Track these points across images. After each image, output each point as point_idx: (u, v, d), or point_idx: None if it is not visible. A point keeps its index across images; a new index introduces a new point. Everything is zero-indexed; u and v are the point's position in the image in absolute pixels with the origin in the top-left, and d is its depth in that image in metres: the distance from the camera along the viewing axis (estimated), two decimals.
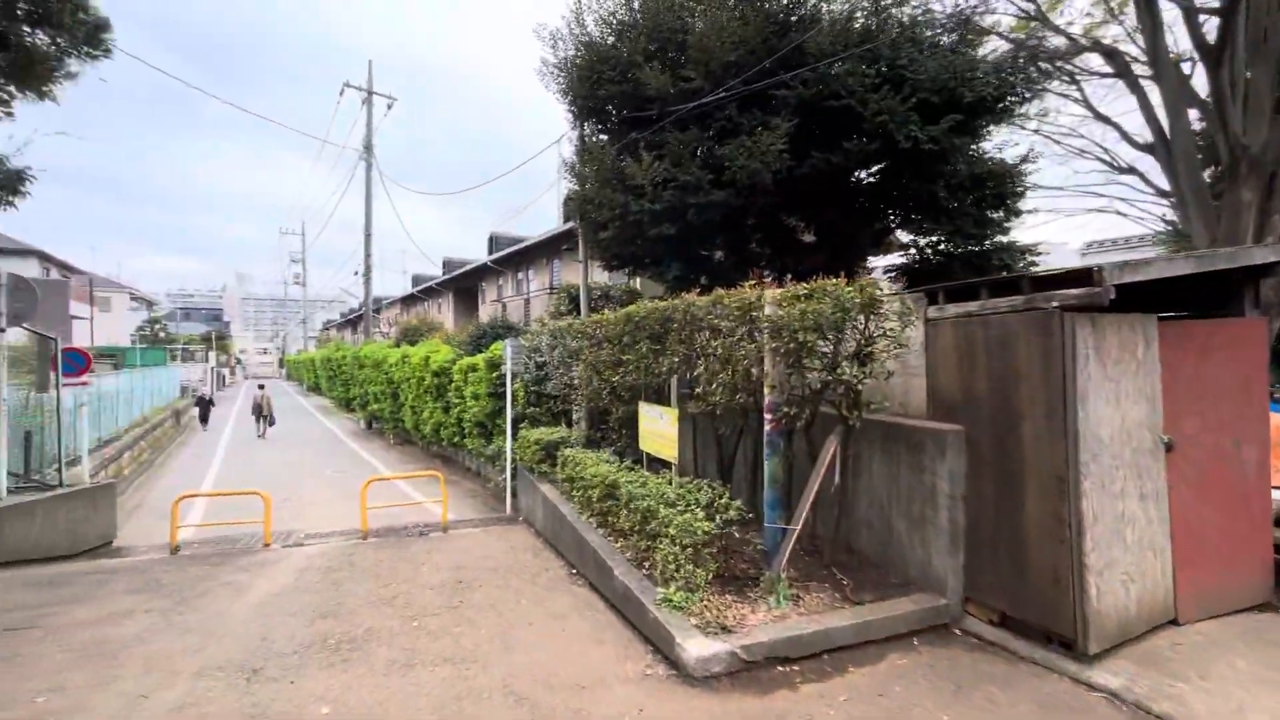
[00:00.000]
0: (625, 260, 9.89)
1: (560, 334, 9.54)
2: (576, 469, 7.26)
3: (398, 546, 7.66)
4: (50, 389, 8.29)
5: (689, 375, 6.30)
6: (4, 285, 7.35)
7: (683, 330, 6.13)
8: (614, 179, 8.46)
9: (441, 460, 16.01)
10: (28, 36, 6.30)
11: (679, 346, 6.22)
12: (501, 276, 24.22)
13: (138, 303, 57.38)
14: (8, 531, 6.92)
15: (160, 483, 13.94)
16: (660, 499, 5.20)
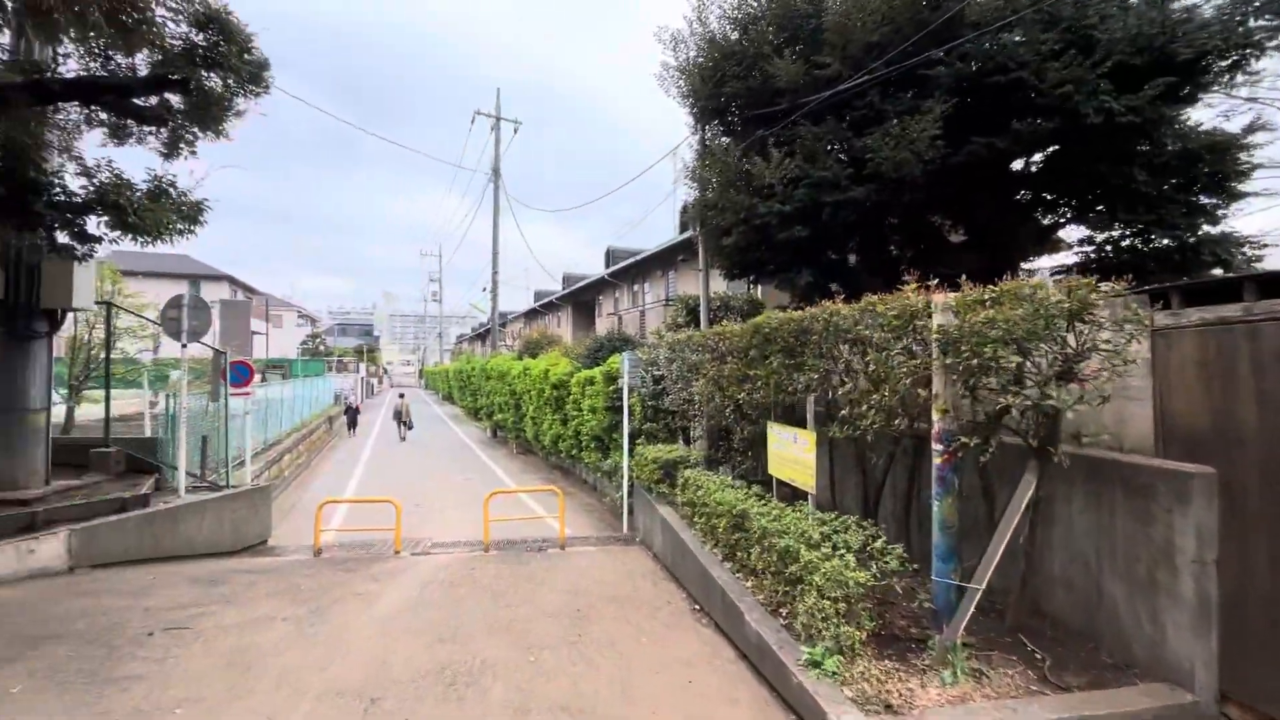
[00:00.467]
0: (749, 268, 9.26)
1: (679, 347, 9.08)
2: (699, 493, 6.72)
3: (516, 562, 7.54)
4: (221, 398, 9.17)
5: (829, 394, 5.56)
6: (186, 305, 8.21)
7: (823, 343, 5.41)
8: (739, 181, 7.90)
9: (560, 472, 16.17)
10: (206, 80, 6.91)
11: (818, 361, 5.50)
12: (618, 289, 24.39)
13: (303, 319, 65.22)
14: (183, 528, 7.61)
15: (314, 484, 15.22)
16: (801, 538, 4.52)
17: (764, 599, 4.88)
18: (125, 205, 6.17)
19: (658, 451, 8.65)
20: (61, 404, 10.57)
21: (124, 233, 6.76)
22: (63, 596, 5.59)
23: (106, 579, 6.23)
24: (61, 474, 7.99)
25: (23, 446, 7.36)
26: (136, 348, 13.60)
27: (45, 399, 7.56)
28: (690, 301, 11.73)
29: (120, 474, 8.49)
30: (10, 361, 7.33)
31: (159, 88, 6.80)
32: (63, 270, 7.34)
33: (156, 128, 7.54)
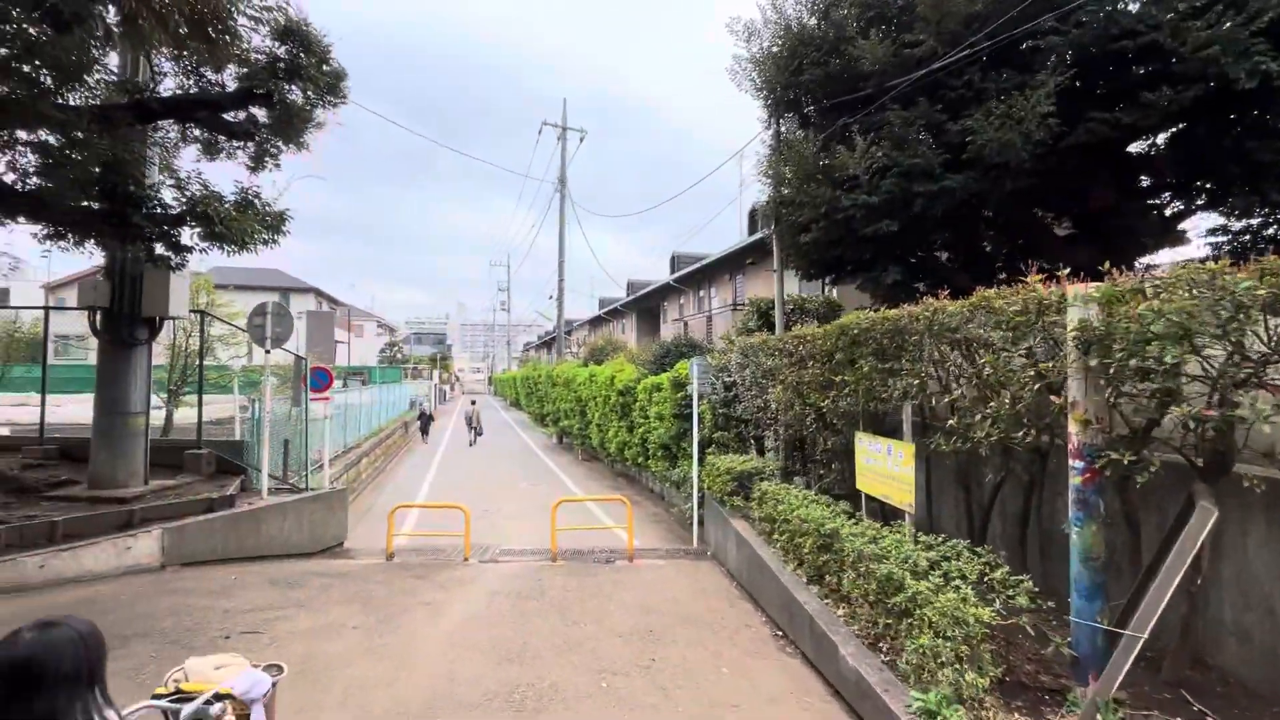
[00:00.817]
0: (828, 266, 8.69)
1: (752, 352, 8.62)
2: (778, 508, 6.24)
3: (584, 574, 7.28)
4: (302, 403, 9.45)
5: (930, 402, 4.98)
6: (270, 312, 8.49)
7: (923, 345, 4.86)
8: (819, 173, 7.38)
9: (625, 479, 15.92)
10: (288, 93, 7.10)
11: (918, 365, 4.94)
12: (683, 295, 24.03)
13: (382, 329, 68.53)
14: (265, 529, 7.82)
15: (389, 486, 15.63)
16: (904, 564, 3.99)
17: (859, 630, 4.36)
18: (213, 215, 6.38)
19: (730, 462, 8.20)
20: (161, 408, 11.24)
21: (212, 242, 7.02)
22: (153, 594, 5.75)
23: (193, 577, 6.40)
24: (159, 474, 8.40)
25: (125, 447, 7.76)
26: (229, 354, 14.40)
27: (144, 403, 7.97)
28: (762, 305, 11.21)
29: (211, 475, 8.86)
30: (115, 367, 7.76)
31: (246, 101, 7.03)
32: (160, 280, 7.72)
33: (244, 142, 7.83)
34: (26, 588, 5.73)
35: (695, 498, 9.37)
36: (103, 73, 6.62)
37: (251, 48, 6.40)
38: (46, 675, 1.44)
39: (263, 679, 2.20)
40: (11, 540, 6.12)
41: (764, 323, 11.04)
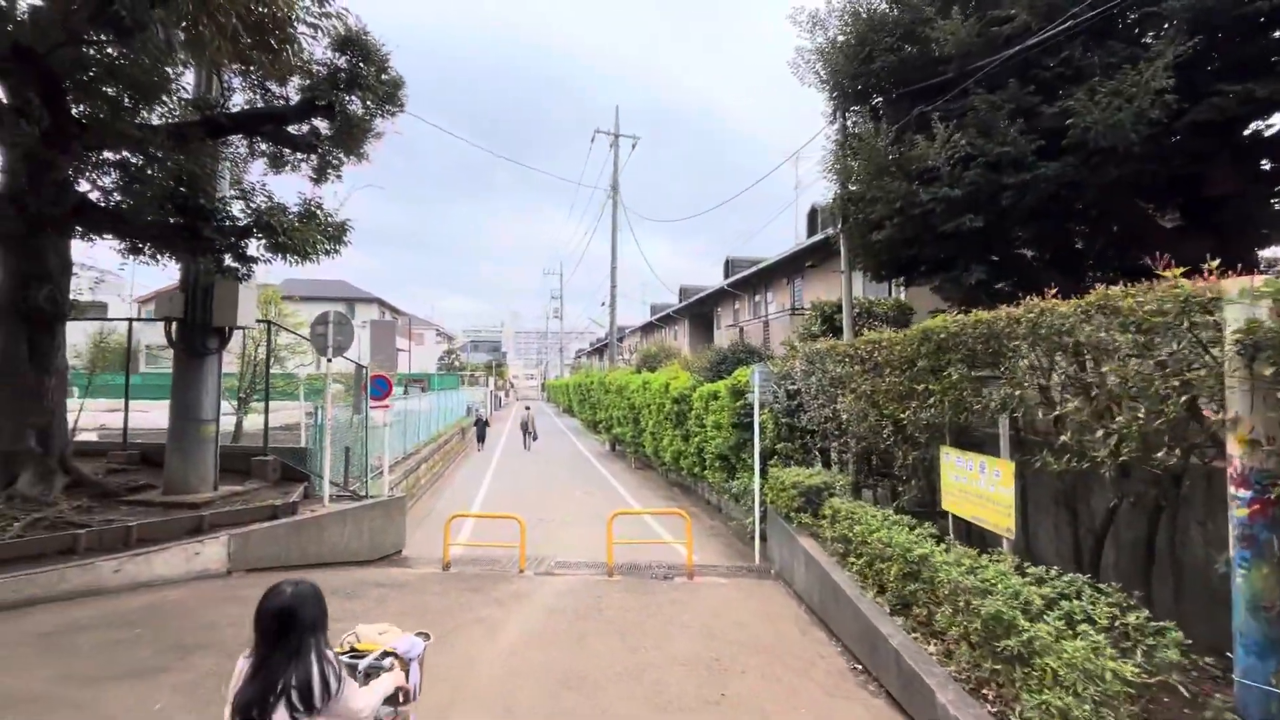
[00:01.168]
0: (900, 267, 8.12)
1: (819, 358, 8.12)
2: (854, 528, 5.75)
3: (642, 591, 6.97)
4: (362, 410, 9.55)
5: (1039, 414, 4.43)
6: (331, 321, 8.60)
7: (1026, 351, 4.32)
8: (892, 166, 6.87)
9: (680, 489, 15.55)
10: (348, 104, 7.15)
11: (1018, 373, 4.40)
12: (738, 300, 23.49)
13: (441, 337, 70.57)
14: (326, 536, 7.87)
15: (446, 492, 15.80)
16: (1013, 600, 3.48)
17: (958, 672, 3.86)
18: (276, 226, 6.46)
19: (796, 475, 7.73)
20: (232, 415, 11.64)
21: (276, 253, 7.13)
22: (218, 601, 5.80)
23: (256, 585, 6.40)
24: (228, 479, 8.61)
25: (196, 454, 7.98)
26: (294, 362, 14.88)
27: (215, 410, 8.19)
28: (826, 308, 10.66)
29: (276, 481, 9.04)
30: (188, 375, 8.01)
31: (308, 113, 7.13)
32: (230, 292, 7.92)
33: (307, 154, 7.97)
34: (103, 591, 5.88)
35: (757, 513, 8.92)
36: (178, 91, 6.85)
37: (313, 59, 6.46)
38: (299, 618, 2.05)
39: (418, 642, 2.72)
40: (91, 544, 6.32)
41: (828, 327, 10.48)
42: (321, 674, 2.03)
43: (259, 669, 2.01)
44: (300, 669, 2.00)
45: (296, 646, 2.03)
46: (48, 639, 4.67)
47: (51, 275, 7.42)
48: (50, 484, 7.42)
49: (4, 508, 6.79)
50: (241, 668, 2.07)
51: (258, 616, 2.09)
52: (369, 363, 36.20)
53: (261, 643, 2.05)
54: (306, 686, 1.99)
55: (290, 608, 2.07)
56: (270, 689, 1.96)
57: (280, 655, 2.01)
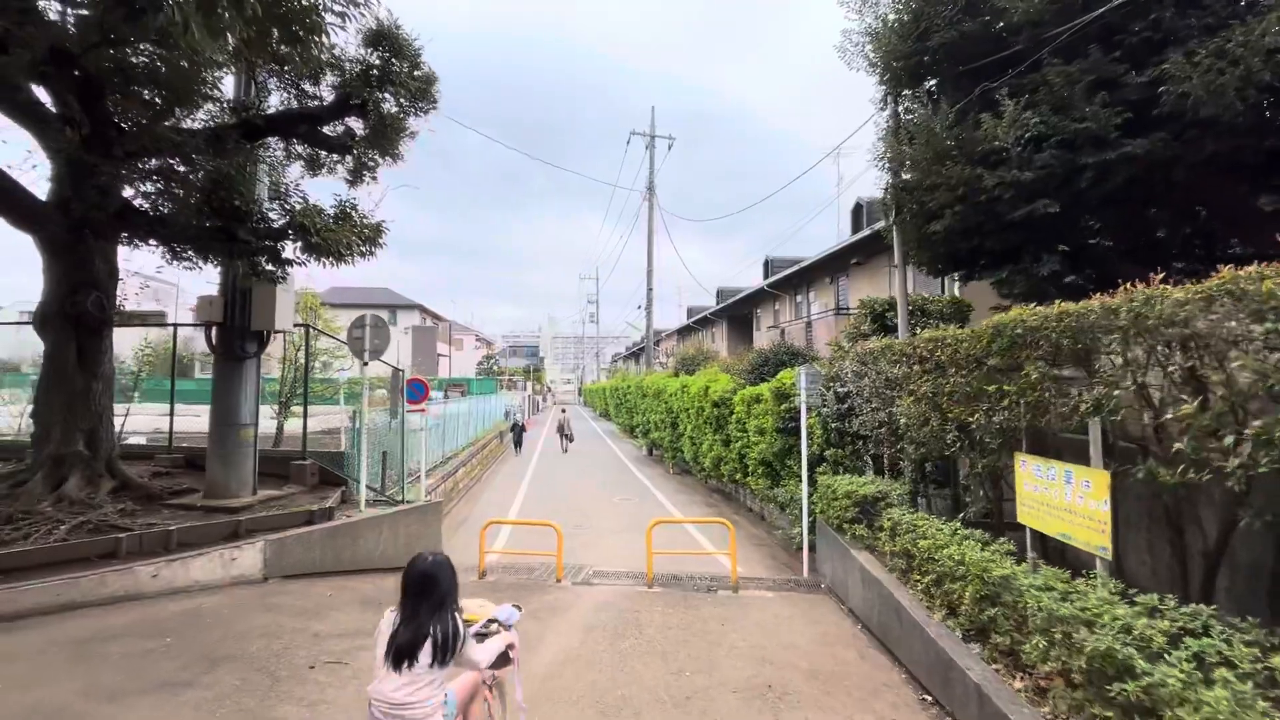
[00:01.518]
0: (959, 260, 7.54)
1: (872, 358, 7.61)
2: (918, 543, 5.26)
3: (685, 605, 6.60)
4: (399, 415, 9.46)
5: (1143, 418, 3.89)
6: (368, 325, 8.51)
7: (1124, 344, 3.79)
8: (953, 149, 6.34)
9: (720, 496, 15.09)
10: (382, 102, 7.02)
11: (1116, 371, 3.88)
12: (778, 301, 22.87)
13: (480, 342, 71.62)
14: (361, 543, 7.74)
15: (484, 497, 15.69)
16: (1125, 635, 2.98)
17: (1052, 713, 3.36)
18: (309, 226, 6.35)
19: (849, 484, 7.23)
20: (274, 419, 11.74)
21: (311, 254, 7.04)
22: (251, 609, 5.67)
23: (290, 593, 6.33)
24: (267, 484, 8.61)
25: (236, 458, 7.98)
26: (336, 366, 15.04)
27: (253, 414, 8.18)
28: (876, 306, 10.10)
29: (315, 486, 9.00)
30: (227, 380, 8.02)
31: (342, 112, 7.04)
32: (267, 296, 7.91)
33: (342, 155, 7.90)
34: (141, 596, 5.83)
35: (805, 523, 8.43)
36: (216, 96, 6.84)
37: (344, 56, 6.34)
38: (439, 580, 2.51)
39: (515, 611, 3.21)
40: (132, 548, 6.31)
41: (879, 326, 9.92)
42: (456, 628, 2.54)
43: (410, 619, 2.51)
44: (440, 622, 2.51)
45: (438, 603, 2.53)
46: (80, 647, 4.58)
47: (99, 281, 7.52)
48: (97, 487, 7.50)
49: (52, 510, 6.87)
50: (391, 618, 2.58)
51: (405, 578, 2.60)
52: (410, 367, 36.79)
53: (409, 599, 2.55)
54: (444, 636, 2.49)
55: (431, 573, 2.58)
56: (420, 635, 2.47)
57: (426, 609, 2.51)
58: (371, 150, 7.96)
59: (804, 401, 8.48)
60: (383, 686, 2.50)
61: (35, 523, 6.54)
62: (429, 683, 2.50)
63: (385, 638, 2.54)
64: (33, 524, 6.50)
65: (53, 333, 7.44)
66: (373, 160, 8.16)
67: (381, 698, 2.49)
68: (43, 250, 7.27)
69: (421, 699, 2.48)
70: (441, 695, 2.56)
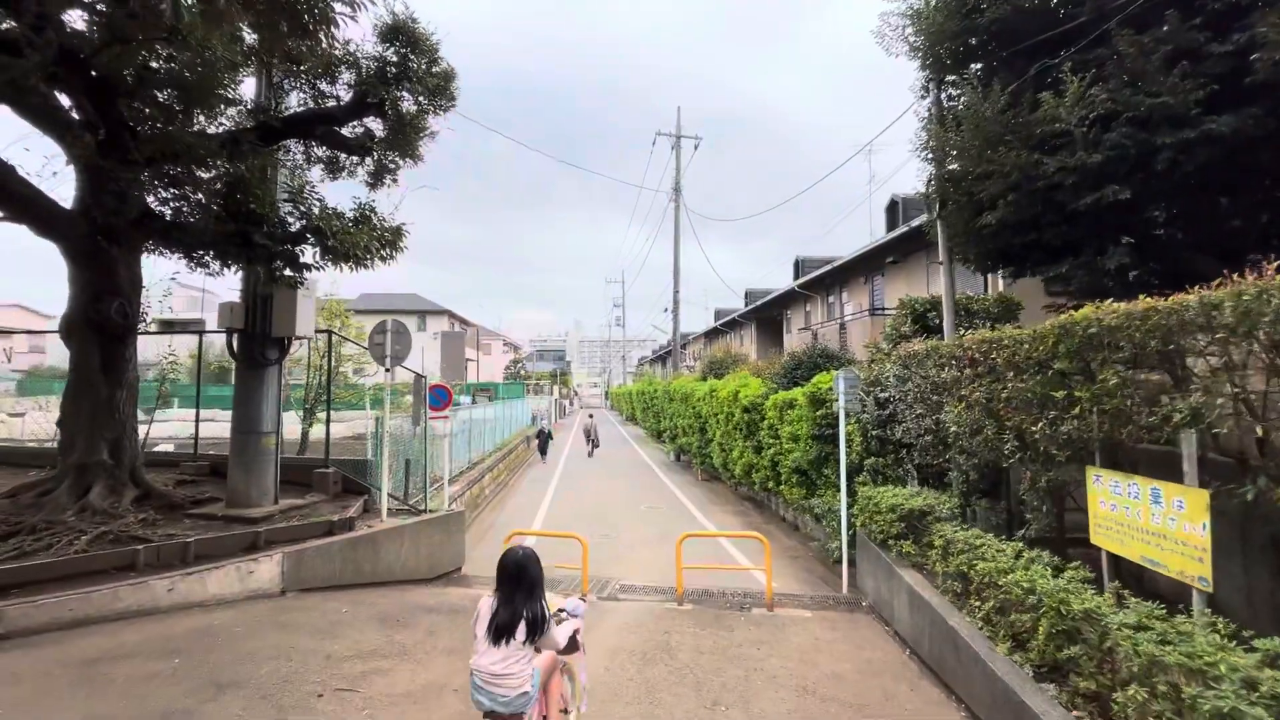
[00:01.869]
0: (1012, 255, 6.99)
1: (916, 361, 7.11)
2: (976, 564, 4.77)
3: (718, 625, 6.20)
4: (421, 421, 9.25)
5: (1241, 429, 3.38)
6: (389, 330, 8.32)
7: (1227, 345, 3.29)
8: (1007, 135, 5.83)
9: (751, 504, 14.60)
10: (400, 101, 6.81)
11: (1212, 376, 3.38)
12: (809, 302, 22.24)
13: (508, 347, 72.07)
14: (382, 554, 7.52)
15: (510, 504, 15.49)
16: (1248, 692, 2.50)
17: None
18: (326, 230, 6.16)
19: (894, 497, 6.74)
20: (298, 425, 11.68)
21: (328, 257, 6.86)
22: (265, 627, 5.47)
23: (307, 608, 6.12)
24: (291, 492, 8.47)
25: (257, 467, 7.85)
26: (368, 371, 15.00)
27: (275, 422, 8.05)
28: (917, 305, 9.55)
29: (337, 494, 8.84)
30: (248, 387, 7.90)
31: (359, 112, 6.86)
32: (288, 301, 7.77)
33: (361, 157, 7.73)
34: (156, 611, 5.68)
35: (844, 536, 7.94)
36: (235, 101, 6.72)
37: (360, 53, 6.13)
38: (529, 570, 2.98)
39: (580, 604, 3.58)
40: (149, 560, 6.17)
41: (920, 327, 9.37)
42: (544, 611, 2.96)
43: (507, 602, 2.91)
44: (532, 605, 2.92)
45: (529, 590, 2.94)
46: (87, 668, 4.41)
47: (121, 289, 7.47)
48: (120, 496, 7.43)
49: (75, 520, 6.80)
50: (489, 603, 2.96)
51: (500, 568, 3.00)
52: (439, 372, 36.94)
53: (504, 586, 2.95)
54: (535, 617, 2.90)
55: (524, 563, 2.99)
56: (516, 616, 2.87)
57: (521, 594, 2.92)
58: (391, 152, 7.77)
59: (842, 407, 8.00)
60: (483, 660, 2.91)
61: (58, 533, 6.47)
62: (521, 658, 2.92)
63: (485, 619, 2.93)
64: (55, 534, 6.43)
65: (77, 341, 7.41)
66: (393, 162, 7.98)
67: (483, 669, 2.90)
68: (67, 258, 7.24)
69: (516, 671, 2.89)
70: (530, 669, 2.96)
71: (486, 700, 2.90)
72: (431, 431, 9.96)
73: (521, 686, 2.88)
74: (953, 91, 7.87)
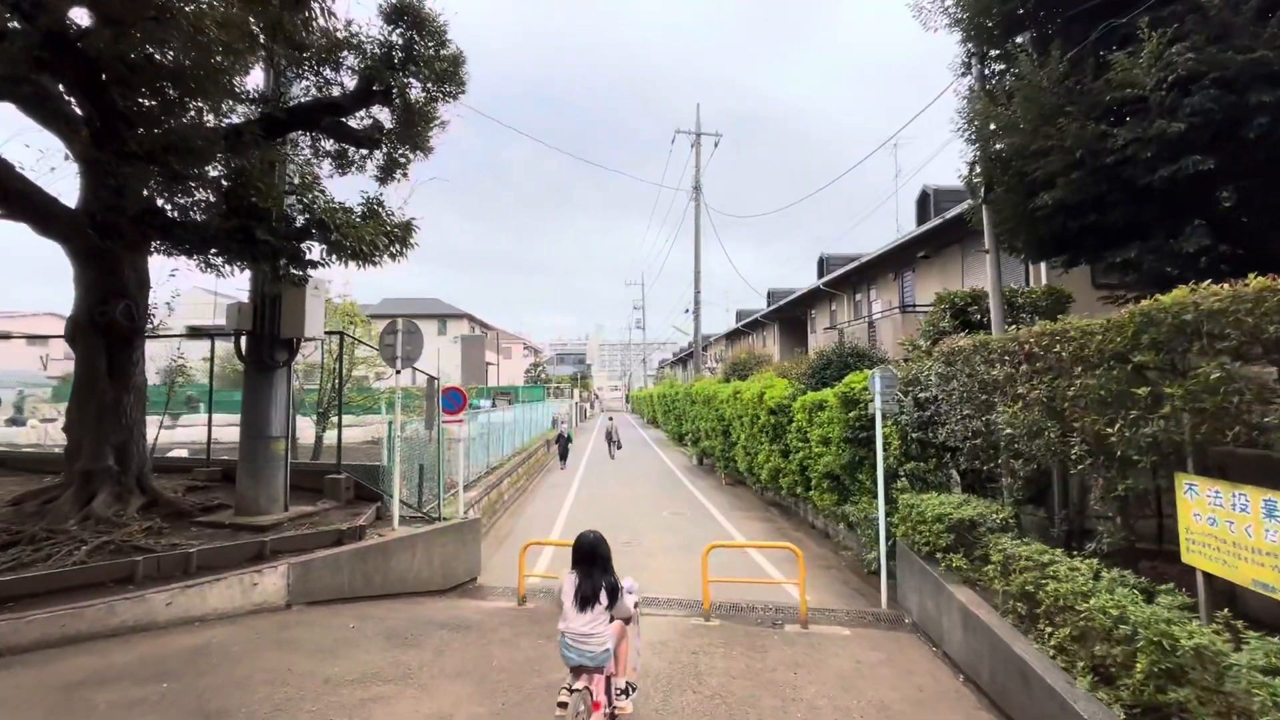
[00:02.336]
0: (1067, 241, 6.38)
1: (963, 358, 6.55)
2: (1044, 583, 4.22)
3: (749, 645, 5.72)
4: (434, 425, 8.91)
5: None
6: (400, 331, 7.99)
7: None
8: (1069, 105, 5.27)
9: (777, 509, 14.03)
10: (407, 88, 6.47)
11: None
12: (834, 301, 21.57)
13: (528, 350, 72.14)
14: (394, 564, 7.17)
15: (529, 509, 15.11)
16: None
17: None
18: (329, 223, 5.82)
19: (940, 505, 6.19)
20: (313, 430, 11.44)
21: (334, 254, 6.54)
22: (261, 647, 5.13)
23: (310, 623, 5.78)
24: (302, 499, 8.19)
25: (266, 473, 7.57)
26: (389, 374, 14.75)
27: (284, 427, 7.76)
28: (956, 299, 8.94)
29: (350, 501, 8.54)
30: (257, 390, 7.63)
31: (365, 100, 6.54)
32: (296, 301, 7.49)
33: (370, 149, 7.41)
34: (153, 626, 5.38)
35: (883, 547, 7.39)
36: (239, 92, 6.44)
37: (364, 37, 5.80)
38: (600, 550, 3.73)
39: (634, 583, 4.17)
40: (149, 571, 5.89)
41: (960, 322, 8.77)
42: (617, 582, 3.74)
43: (587, 577, 3.67)
44: (608, 577, 3.70)
45: (603, 565, 3.72)
46: (68, 693, 4.09)
47: (128, 290, 7.25)
48: (126, 504, 7.20)
49: (77, 528, 6.56)
50: (571, 579, 3.71)
51: (576, 548, 3.79)
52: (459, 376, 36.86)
53: (582, 563, 3.72)
54: (611, 587, 3.67)
55: (596, 545, 3.76)
56: (597, 586, 3.63)
57: (597, 569, 3.69)
58: (401, 146, 7.45)
59: (879, 408, 7.46)
60: (573, 624, 3.57)
61: (59, 543, 6.23)
62: (603, 621, 3.60)
63: (571, 591, 3.63)
64: (56, 544, 6.18)
65: (82, 344, 7.20)
66: (403, 156, 7.66)
67: (572, 630, 3.57)
68: (72, 259, 7.04)
69: (599, 631, 3.57)
70: (609, 631, 3.63)
71: (575, 656, 3.59)
72: (446, 436, 9.61)
73: (605, 644, 3.59)
74: (996, 67, 7.30)
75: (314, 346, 10.92)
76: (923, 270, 15.33)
